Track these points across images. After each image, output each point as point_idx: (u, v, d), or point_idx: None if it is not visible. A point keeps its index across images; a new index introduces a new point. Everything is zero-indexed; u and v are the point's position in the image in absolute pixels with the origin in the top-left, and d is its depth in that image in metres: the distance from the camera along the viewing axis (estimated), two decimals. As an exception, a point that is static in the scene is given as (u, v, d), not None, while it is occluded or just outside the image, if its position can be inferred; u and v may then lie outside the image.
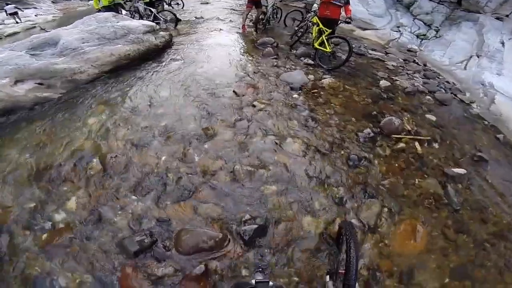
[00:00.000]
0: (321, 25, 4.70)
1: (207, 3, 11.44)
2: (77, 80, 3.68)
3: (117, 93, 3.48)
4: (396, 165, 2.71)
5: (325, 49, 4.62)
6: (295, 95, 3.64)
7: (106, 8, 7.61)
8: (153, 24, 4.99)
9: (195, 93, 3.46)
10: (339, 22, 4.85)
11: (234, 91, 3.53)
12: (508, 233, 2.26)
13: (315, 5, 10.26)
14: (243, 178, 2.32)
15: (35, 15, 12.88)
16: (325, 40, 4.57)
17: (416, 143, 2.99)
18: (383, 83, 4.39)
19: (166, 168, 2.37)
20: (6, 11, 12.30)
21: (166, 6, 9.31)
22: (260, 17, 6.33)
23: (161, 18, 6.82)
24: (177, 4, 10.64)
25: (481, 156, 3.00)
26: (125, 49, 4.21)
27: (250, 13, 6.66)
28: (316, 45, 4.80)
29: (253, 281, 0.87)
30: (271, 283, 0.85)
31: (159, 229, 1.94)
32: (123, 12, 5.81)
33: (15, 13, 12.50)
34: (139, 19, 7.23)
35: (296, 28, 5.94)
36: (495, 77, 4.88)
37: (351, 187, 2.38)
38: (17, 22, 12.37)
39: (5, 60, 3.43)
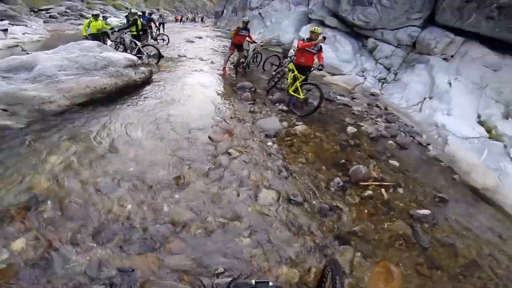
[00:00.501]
0: (296, 72, 5.04)
1: (192, 41, 12.08)
2: (44, 110, 3.58)
3: (85, 130, 3.34)
4: (366, 211, 2.84)
5: (298, 96, 4.93)
6: (270, 143, 3.80)
7: (93, 36, 7.84)
8: (135, 58, 5.17)
9: (169, 137, 3.46)
10: (312, 69, 5.20)
11: (209, 137, 3.59)
12: (478, 262, 2.42)
13: (291, 51, 11.18)
14: (216, 230, 2.27)
15: (22, 33, 12.72)
16: (298, 87, 4.90)
17: (383, 190, 3.18)
18: (350, 129, 4.70)
19: (132, 217, 2.23)
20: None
21: (151, 41, 9.71)
22: (241, 60, 6.78)
23: (145, 53, 7.06)
24: (163, 40, 11.13)
25: (441, 197, 3.22)
26: (102, 82, 4.27)
27: (232, 56, 7.11)
28: (290, 91, 5.12)
29: (253, 281, 0.88)
30: (271, 283, 0.87)
31: (120, 279, 1.78)
32: (108, 42, 5.99)
33: (5, 30, 12.48)
34: (123, 51, 7.47)
35: (273, 73, 6.36)
36: (446, 117, 5.10)
37: (325, 236, 2.44)
38: (4, 38, 12.26)
39: None
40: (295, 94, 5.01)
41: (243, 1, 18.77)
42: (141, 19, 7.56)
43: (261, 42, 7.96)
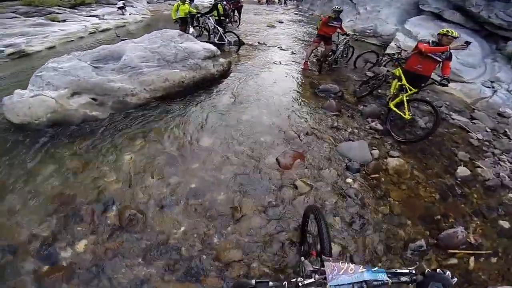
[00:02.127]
0: (404, 81, 3.75)
1: (273, 26, 11.24)
2: (127, 102, 3.56)
3: (160, 128, 3.27)
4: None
5: (402, 114, 3.63)
6: (350, 180, 2.87)
7: (182, 20, 7.94)
8: (214, 49, 4.73)
9: (235, 150, 3.02)
10: (429, 81, 3.75)
11: (277, 160, 2.93)
12: None
13: (392, 45, 9.22)
14: (259, 278, 1.84)
15: (129, 14, 14.29)
16: (405, 102, 3.60)
17: (472, 258, 2.37)
18: (461, 171, 3.28)
19: (182, 242, 2.11)
20: (117, 5, 14.03)
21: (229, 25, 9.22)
22: (328, 54, 5.64)
23: (226, 40, 6.69)
24: (235, 22, 10.67)
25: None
26: (180, 75, 4.00)
27: (316, 48, 6.07)
28: (391, 105, 3.83)
29: (253, 281, 0.79)
30: (271, 283, 0.78)
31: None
32: (190, 30, 5.75)
33: (123, 7, 14.15)
34: (208, 35, 7.29)
35: (369, 76, 5.08)
36: None
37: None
38: (122, 14, 13.90)
39: (70, 70, 3.47)
40: (398, 111, 3.71)
41: (331, -17, 16.57)
42: (222, 3, 7.00)
43: (354, 35, 6.47)
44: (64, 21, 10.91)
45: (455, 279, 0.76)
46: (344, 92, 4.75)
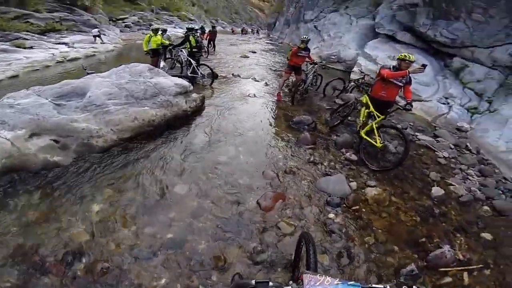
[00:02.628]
0: (372, 108, 3.86)
1: (247, 57, 11.64)
2: (92, 145, 3.27)
3: (129, 174, 3.01)
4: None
5: (374, 142, 3.70)
6: (332, 215, 2.82)
7: (153, 51, 7.67)
8: (187, 84, 4.67)
9: (213, 195, 2.85)
10: (394, 107, 3.90)
11: (258, 203, 2.82)
12: None
13: (355, 69, 9.80)
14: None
15: (100, 42, 13.97)
16: (375, 129, 3.69)
17: (465, 274, 2.41)
18: (435, 191, 3.41)
19: None
20: (92, 33, 13.81)
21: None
22: (299, 84, 5.85)
23: (199, 73, 6.69)
24: (211, 52, 10.88)
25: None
26: (150, 114, 3.83)
27: (288, 79, 6.27)
28: (362, 133, 3.91)
29: (253, 281, 0.77)
30: (271, 283, 0.76)
31: None
32: (161, 64, 5.66)
33: (98, 36, 13.90)
34: (181, 68, 7.26)
35: (338, 104, 5.25)
36: None
37: None
38: (102, 43, 13.77)
39: (28, 107, 3.12)
40: (369, 139, 3.79)
41: (296, 13, 17.85)
42: (195, 36, 6.84)
43: (321, 62, 6.84)
44: (31, 47, 10.36)
45: None
46: (317, 122, 4.84)
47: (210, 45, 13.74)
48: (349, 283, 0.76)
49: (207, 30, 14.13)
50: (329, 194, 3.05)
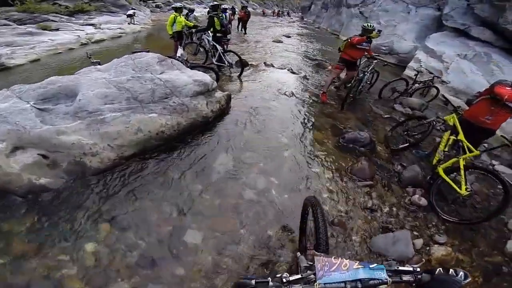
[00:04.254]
0: (461, 136, 2.60)
1: (280, 41, 10.18)
2: (85, 165, 2.38)
3: (131, 207, 2.18)
4: None
5: (455, 187, 2.43)
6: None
7: (178, 34, 6.80)
8: (209, 80, 3.54)
9: (233, 251, 1.92)
10: (499, 141, 2.70)
11: (291, 269, 1.84)
12: None
13: (411, 64, 8.08)
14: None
15: (131, 23, 13.34)
16: (462, 169, 2.41)
17: None
18: (511, 245, 2.27)
19: None
20: (128, 13, 13.31)
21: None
22: (352, 84, 4.40)
23: (226, 62, 5.51)
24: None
25: None
26: (159, 123, 2.81)
27: (338, 76, 4.91)
28: (440, 170, 2.63)
29: (253, 282, 0.70)
30: (271, 283, 0.69)
31: None
32: (179, 52, 4.53)
33: (132, 15, 13.30)
34: (205, 54, 6.15)
35: (405, 116, 3.89)
36: None
37: None
38: (131, 23, 13.14)
39: (6, 114, 2.31)
40: (450, 181, 2.49)
41: (339, -6, 15.63)
42: (220, 17, 5.62)
43: (379, 57, 5.24)
44: (57, 29, 9.86)
45: (469, 279, 0.63)
46: (375, 141, 3.51)
47: (239, 26, 12.46)
48: (371, 266, 0.64)
49: (237, 10, 12.86)
50: (386, 257, 2.02)
